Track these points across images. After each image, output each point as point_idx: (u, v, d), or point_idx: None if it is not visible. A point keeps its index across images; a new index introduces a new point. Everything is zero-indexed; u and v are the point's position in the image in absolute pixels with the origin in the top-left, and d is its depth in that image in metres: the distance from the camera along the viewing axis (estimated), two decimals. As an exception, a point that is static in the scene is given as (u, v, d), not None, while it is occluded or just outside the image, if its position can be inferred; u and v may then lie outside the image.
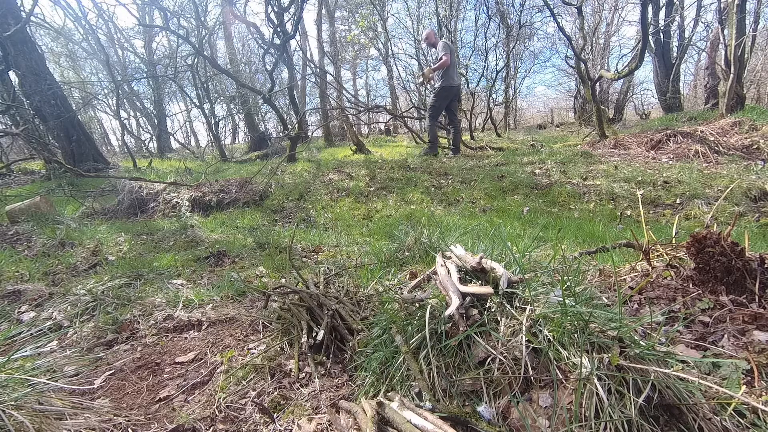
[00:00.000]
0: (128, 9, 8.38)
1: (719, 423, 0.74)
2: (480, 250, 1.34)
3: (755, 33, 8.74)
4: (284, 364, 1.18)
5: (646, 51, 6.10)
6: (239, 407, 1.03)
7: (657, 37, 10.49)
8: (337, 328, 1.23)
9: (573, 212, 3.90)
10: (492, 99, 13.06)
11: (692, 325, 1.14)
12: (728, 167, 4.52)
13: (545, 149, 6.91)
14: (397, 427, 0.81)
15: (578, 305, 0.91)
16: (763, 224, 3.14)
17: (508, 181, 4.82)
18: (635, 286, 1.40)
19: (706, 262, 1.27)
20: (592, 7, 14.42)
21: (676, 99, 10.97)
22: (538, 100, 23.46)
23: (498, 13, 12.55)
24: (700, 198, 3.77)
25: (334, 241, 3.27)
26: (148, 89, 13.25)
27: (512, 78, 15.31)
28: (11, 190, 6.43)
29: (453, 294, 0.98)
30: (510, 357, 0.86)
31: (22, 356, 1.20)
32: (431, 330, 0.97)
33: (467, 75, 11.85)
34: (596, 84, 7.42)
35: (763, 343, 1.00)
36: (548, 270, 1.22)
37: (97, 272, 2.62)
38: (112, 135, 19.18)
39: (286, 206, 4.85)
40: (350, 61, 20.17)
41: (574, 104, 14.42)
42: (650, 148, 5.77)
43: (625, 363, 0.80)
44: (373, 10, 11.17)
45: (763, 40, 12.46)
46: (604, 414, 0.72)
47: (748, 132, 5.51)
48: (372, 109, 9.72)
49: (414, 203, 4.57)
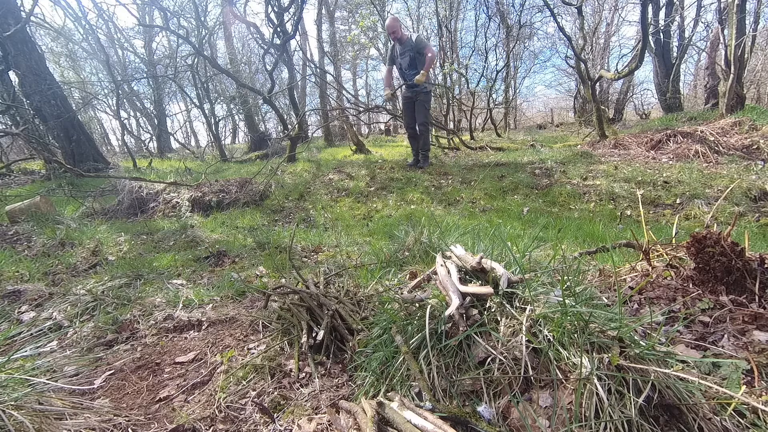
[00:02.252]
0: (128, 9, 8.37)
1: (719, 423, 0.74)
2: (480, 250, 1.34)
3: (755, 33, 8.74)
4: (284, 364, 1.18)
5: (646, 51, 6.10)
6: (239, 407, 1.02)
7: (657, 37, 10.48)
8: (337, 328, 1.23)
9: (573, 212, 3.90)
10: (492, 99, 13.05)
11: (692, 325, 1.14)
12: (728, 167, 4.52)
13: (545, 149, 6.91)
14: (397, 427, 0.81)
15: (578, 305, 0.91)
16: (763, 224, 3.14)
17: (508, 181, 4.82)
18: (635, 286, 1.40)
19: (706, 262, 1.26)
20: (592, 7, 14.42)
21: (676, 99, 10.97)
22: (538, 100, 23.44)
23: (498, 13, 12.55)
24: (700, 198, 3.77)
25: (334, 241, 3.27)
26: (148, 89, 13.25)
27: (512, 78, 15.31)
28: (11, 190, 6.43)
29: (453, 294, 0.98)
30: (510, 357, 0.86)
31: (22, 356, 1.20)
32: (431, 330, 0.97)
33: (467, 75, 11.83)
34: (596, 84, 7.41)
35: (763, 343, 1.00)
36: (548, 270, 1.22)
37: (97, 272, 2.62)
38: (112, 135, 19.20)
39: (286, 206, 4.85)
40: (350, 61, 20.17)
41: (574, 104, 14.42)
42: (650, 148, 5.77)
43: (625, 363, 0.80)
44: (373, 10, 11.16)
45: (763, 40, 12.46)
46: (604, 414, 0.72)
47: (748, 132, 5.51)
48: (372, 109, 9.72)
49: (414, 203, 4.57)
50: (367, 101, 18.26)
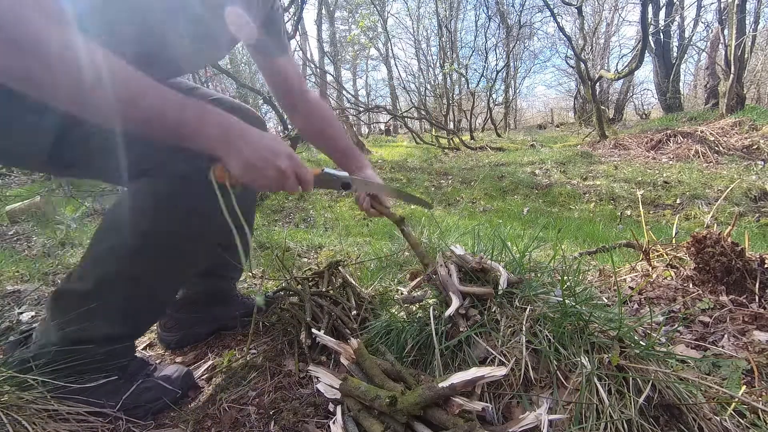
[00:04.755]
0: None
1: (719, 423, 0.74)
2: (480, 250, 1.34)
3: (755, 33, 8.75)
4: (284, 364, 1.18)
5: (646, 51, 6.11)
6: (239, 407, 1.03)
7: (657, 37, 10.49)
8: (338, 328, 1.23)
9: (573, 212, 3.91)
10: (492, 99, 13.07)
11: (692, 325, 1.14)
12: (728, 167, 4.52)
13: (545, 149, 6.91)
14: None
15: (578, 305, 0.91)
16: (763, 224, 3.14)
17: (508, 181, 4.83)
18: (635, 286, 1.41)
19: (706, 262, 1.27)
20: (592, 7, 14.44)
21: (676, 99, 10.98)
22: (538, 100, 23.51)
23: (498, 13, 12.57)
24: (700, 198, 3.77)
25: (334, 241, 3.27)
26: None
27: (512, 78, 15.34)
28: (11, 190, 6.43)
29: (453, 294, 0.98)
30: (510, 357, 0.86)
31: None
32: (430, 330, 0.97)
33: (467, 75, 11.85)
34: (596, 84, 7.42)
35: (763, 343, 1.00)
36: (548, 270, 1.22)
37: (97, 272, 2.62)
38: (112, 135, 19.16)
39: (285, 206, 4.86)
40: (350, 61, 20.19)
41: (574, 104, 14.43)
42: (650, 148, 5.77)
43: (625, 363, 0.80)
44: (373, 10, 11.18)
45: (763, 40, 12.47)
46: (605, 414, 0.72)
47: (748, 132, 5.52)
48: (372, 109, 9.73)
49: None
50: (367, 101, 18.28)
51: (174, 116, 0.65)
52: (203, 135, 0.68)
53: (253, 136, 0.72)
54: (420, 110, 10.29)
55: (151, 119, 0.64)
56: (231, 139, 0.70)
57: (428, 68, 14.32)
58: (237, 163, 0.70)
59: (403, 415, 0.75)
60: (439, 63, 11.94)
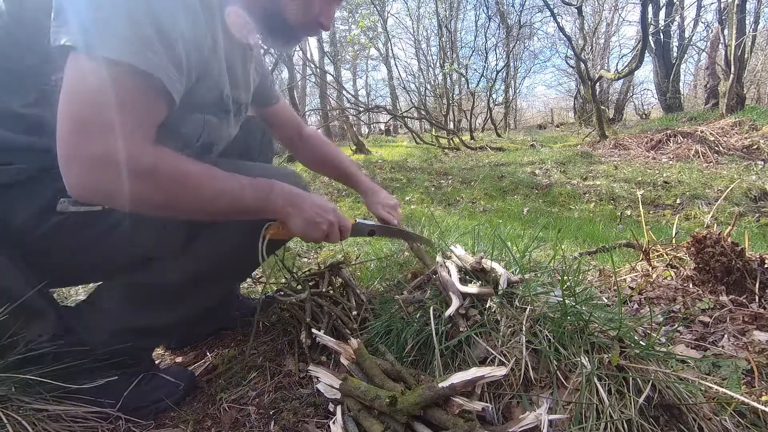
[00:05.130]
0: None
1: (719, 423, 0.74)
2: (480, 250, 1.34)
3: (755, 33, 8.75)
4: (284, 364, 1.18)
5: (646, 51, 6.11)
6: (239, 407, 1.03)
7: (657, 37, 10.50)
8: (338, 328, 1.23)
9: (573, 212, 3.91)
10: (492, 99, 13.08)
11: (692, 325, 1.14)
12: (728, 167, 4.52)
13: (545, 149, 6.92)
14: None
15: (578, 305, 0.91)
16: (763, 224, 3.14)
17: (508, 181, 4.83)
18: (635, 286, 1.41)
19: (706, 262, 1.27)
20: (592, 7, 14.45)
21: (676, 99, 10.99)
22: (538, 100, 23.52)
23: (498, 13, 12.58)
24: (700, 198, 3.77)
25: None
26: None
27: (512, 78, 15.35)
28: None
29: (453, 294, 0.98)
30: (510, 357, 0.86)
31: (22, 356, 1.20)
32: (430, 331, 0.97)
33: (467, 75, 11.85)
34: (596, 84, 7.43)
35: (763, 343, 1.00)
36: (548, 270, 1.22)
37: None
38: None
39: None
40: (350, 61, 20.20)
41: (574, 104, 14.44)
42: (650, 149, 5.77)
43: (625, 363, 0.80)
44: (373, 10, 11.18)
45: (763, 40, 12.47)
46: (605, 414, 0.72)
47: (748, 132, 5.52)
48: (372, 109, 9.73)
49: (414, 203, 4.57)
50: (367, 101, 18.29)
51: (251, 196, 0.81)
52: (272, 204, 0.84)
53: (308, 199, 0.88)
54: (420, 110, 10.29)
55: (232, 208, 0.80)
56: (295, 204, 0.86)
57: (428, 68, 14.39)
58: (300, 222, 0.86)
59: (403, 415, 0.75)
60: (439, 63, 11.95)
